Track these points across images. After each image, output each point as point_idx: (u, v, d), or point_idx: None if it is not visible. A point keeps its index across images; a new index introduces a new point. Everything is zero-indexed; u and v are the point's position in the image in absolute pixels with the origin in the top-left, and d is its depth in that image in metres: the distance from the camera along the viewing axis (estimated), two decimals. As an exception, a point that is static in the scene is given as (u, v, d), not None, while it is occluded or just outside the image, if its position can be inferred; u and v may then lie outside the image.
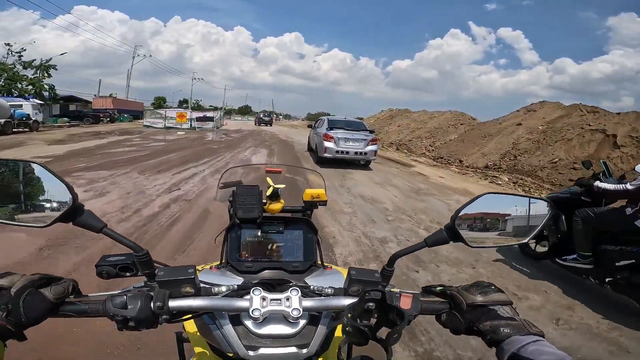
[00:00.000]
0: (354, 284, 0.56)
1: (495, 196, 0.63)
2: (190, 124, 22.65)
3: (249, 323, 0.54)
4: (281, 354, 0.54)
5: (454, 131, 16.55)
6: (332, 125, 9.87)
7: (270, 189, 0.75)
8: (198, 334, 0.63)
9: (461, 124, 17.10)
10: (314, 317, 0.57)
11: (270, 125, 37.40)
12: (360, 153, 9.22)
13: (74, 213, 0.51)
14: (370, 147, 9.29)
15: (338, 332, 0.63)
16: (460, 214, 0.58)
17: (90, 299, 0.50)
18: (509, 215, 0.64)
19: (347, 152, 9.09)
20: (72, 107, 27.92)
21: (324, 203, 0.83)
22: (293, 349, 0.54)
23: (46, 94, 21.67)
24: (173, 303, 0.49)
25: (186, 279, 0.51)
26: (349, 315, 0.49)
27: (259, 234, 0.73)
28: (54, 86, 21.70)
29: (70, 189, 0.51)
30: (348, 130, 9.57)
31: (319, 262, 0.76)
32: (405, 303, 0.51)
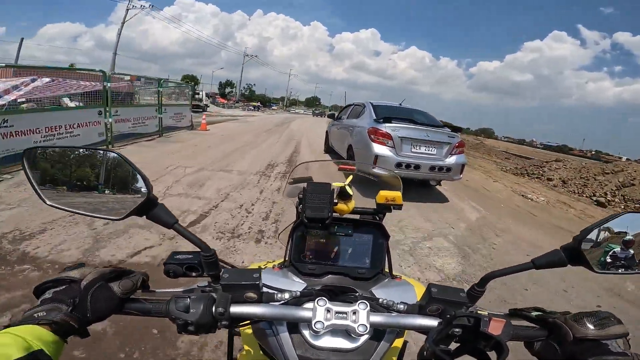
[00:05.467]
0: (434, 302, 0.51)
1: (637, 216, 0.53)
2: None
3: (306, 333, 0.52)
4: None
5: None
6: (383, 114, 5.38)
7: (343, 187, 0.69)
8: (250, 332, 0.63)
9: None
10: (377, 331, 0.53)
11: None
12: (440, 169, 5.01)
13: (148, 206, 0.50)
14: (455, 159, 5.14)
15: (396, 343, 0.60)
16: (588, 235, 0.50)
17: (156, 296, 0.51)
18: None
19: (418, 167, 4.91)
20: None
21: (399, 207, 0.75)
22: None
23: None
24: (235, 309, 0.49)
25: (250, 284, 0.50)
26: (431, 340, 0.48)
27: (326, 235, 0.68)
28: None
29: (147, 180, 0.50)
30: (416, 126, 5.23)
31: (387, 271, 0.70)
32: (495, 328, 0.46)
